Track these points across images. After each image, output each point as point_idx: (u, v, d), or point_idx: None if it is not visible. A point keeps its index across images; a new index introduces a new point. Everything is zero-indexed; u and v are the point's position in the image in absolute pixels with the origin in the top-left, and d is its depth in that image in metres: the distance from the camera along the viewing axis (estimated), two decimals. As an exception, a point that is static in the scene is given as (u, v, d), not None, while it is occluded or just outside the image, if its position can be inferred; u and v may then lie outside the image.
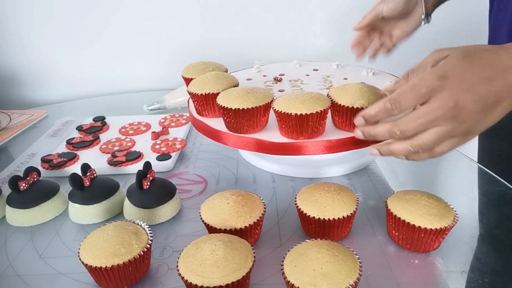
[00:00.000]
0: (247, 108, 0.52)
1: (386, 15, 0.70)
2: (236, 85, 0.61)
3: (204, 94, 0.58)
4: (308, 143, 0.53)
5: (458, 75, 0.41)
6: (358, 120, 0.47)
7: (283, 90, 0.68)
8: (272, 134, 0.55)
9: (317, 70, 0.77)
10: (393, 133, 0.43)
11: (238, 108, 0.52)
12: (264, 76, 0.76)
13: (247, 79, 0.74)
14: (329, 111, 0.53)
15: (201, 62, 0.68)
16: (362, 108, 0.50)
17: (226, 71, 0.68)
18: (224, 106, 0.53)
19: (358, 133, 0.48)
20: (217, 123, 0.58)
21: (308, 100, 0.51)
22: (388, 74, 0.74)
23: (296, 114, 0.50)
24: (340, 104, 0.52)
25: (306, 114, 0.50)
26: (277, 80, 0.73)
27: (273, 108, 0.53)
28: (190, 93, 0.60)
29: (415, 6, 0.69)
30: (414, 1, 0.70)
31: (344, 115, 0.53)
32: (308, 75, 0.75)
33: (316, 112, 0.50)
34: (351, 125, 0.52)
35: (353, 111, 0.51)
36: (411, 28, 0.71)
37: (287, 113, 0.51)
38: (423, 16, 0.70)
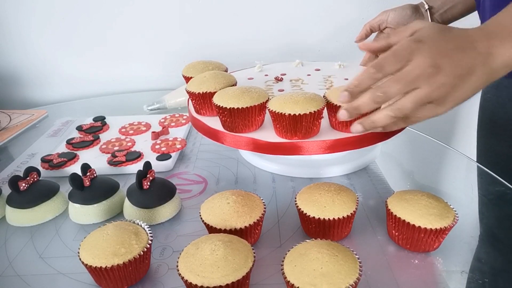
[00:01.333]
0: (242, 108, 0.52)
1: (391, 22, 0.69)
2: (234, 84, 0.61)
3: (201, 93, 0.58)
4: (303, 143, 0.53)
5: (434, 40, 0.43)
6: (343, 95, 0.46)
7: (283, 90, 0.68)
8: (267, 133, 0.55)
9: (319, 70, 0.77)
10: (376, 96, 0.43)
11: (233, 108, 0.52)
12: (266, 75, 0.76)
13: (249, 78, 0.75)
14: (326, 111, 0.53)
15: (201, 61, 0.68)
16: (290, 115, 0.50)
17: (226, 70, 0.68)
18: (219, 105, 0.54)
19: (341, 113, 0.46)
20: (215, 122, 0.58)
21: (302, 101, 0.51)
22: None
23: (289, 114, 0.50)
24: (335, 105, 0.52)
25: (299, 114, 0.50)
26: (278, 79, 0.73)
27: (267, 108, 0.53)
28: (188, 92, 0.61)
29: (422, 20, 0.69)
30: (421, 14, 0.70)
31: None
32: (309, 75, 0.75)
33: (310, 112, 0.50)
34: (347, 126, 0.52)
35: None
36: None
37: (281, 113, 0.51)
38: None
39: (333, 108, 0.53)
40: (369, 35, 0.74)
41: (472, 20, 0.70)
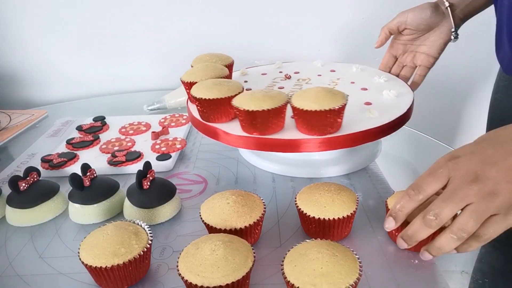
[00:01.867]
0: (210, 99, 0.55)
1: (411, 23, 0.67)
2: (226, 77, 0.62)
3: (190, 82, 0.61)
4: (260, 139, 0.54)
5: (469, 153, 0.41)
6: (388, 221, 0.45)
7: (283, 87, 0.69)
8: (235, 126, 0.56)
9: (334, 71, 0.77)
10: (428, 220, 0.41)
11: (202, 98, 0.55)
12: (280, 72, 0.77)
13: (262, 74, 0.77)
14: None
15: (208, 54, 0.69)
16: (306, 110, 0.50)
17: (232, 63, 0.69)
18: (193, 96, 0.57)
19: (400, 242, 0.45)
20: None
21: (260, 98, 0.52)
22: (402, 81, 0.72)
23: (244, 110, 0.51)
24: (294, 106, 0.52)
25: (253, 110, 0.51)
26: (287, 77, 0.74)
27: (231, 102, 0.54)
28: (181, 81, 0.63)
29: (442, 19, 0.67)
30: (441, 12, 0.67)
31: (296, 115, 0.53)
32: (320, 75, 0.75)
33: (263, 110, 0.51)
34: (308, 128, 0.53)
35: (305, 113, 0.51)
36: (437, 47, 0.68)
37: (238, 108, 0.52)
38: (452, 30, 0.67)
39: (294, 110, 0.53)
40: (389, 38, 0.71)
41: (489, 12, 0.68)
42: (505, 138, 0.41)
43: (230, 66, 0.68)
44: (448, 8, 0.66)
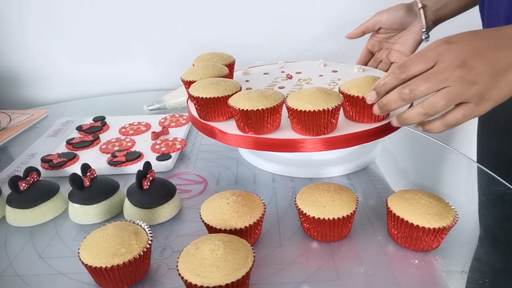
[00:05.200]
0: (206, 98, 0.56)
1: (385, 22, 0.70)
2: (225, 76, 0.63)
3: (189, 81, 0.62)
4: (253, 138, 0.54)
5: (464, 40, 0.43)
6: (370, 94, 0.48)
7: (283, 87, 0.69)
8: (232, 125, 0.57)
9: (336, 71, 0.77)
10: (403, 94, 0.44)
11: (199, 96, 0.56)
12: (282, 72, 0.77)
13: (264, 73, 0.77)
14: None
15: (210, 53, 0.70)
16: (300, 111, 0.51)
17: (233, 62, 0.70)
18: (190, 94, 0.58)
19: (374, 108, 0.49)
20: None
21: (255, 98, 0.52)
22: None
23: (239, 109, 0.52)
24: (288, 106, 0.52)
25: (247, 110, 0.52)
26: (288, 77, 0.74)
27: (228, 102, 0.55)
28: (181, 80, 0.64)
29: (415, 19, 0.70)
30: (414, 13, 0.70)
31: (291, 115, 0.54)
32: (321, 75, 0.75)
33: (258, 109, 0.51)
34: (302, 128, 0.53)
35: (299, 113, 0.51)
36: (410, 46, 0.72)
37: (234, 107, 0.53)
38: (423, 30, 0.70)
39: (293, 112, 0.53)
40: (362, 35, 0.75)
41: (470, 16, 0.70)
42: (501, 35, 0.43)
43: (231, 65, 0.68)
44: (421, 9, 0.69)
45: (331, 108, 0.50)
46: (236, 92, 0.57)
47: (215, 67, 0.63)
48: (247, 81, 0.74)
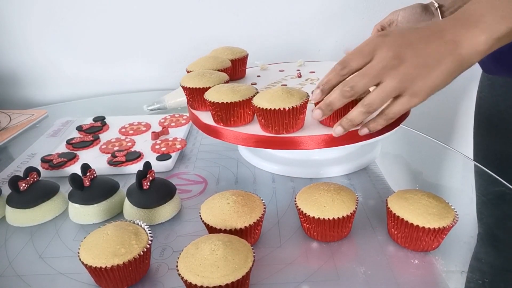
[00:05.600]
0: (189, 87, 0.59)
1: (402, 21, 0.69)
2: (227, 69, 0.66)
3: (188, 71, 0.66)
4: (225, 130, 0.56)
5: (398, 33, 0.44)
6: (315, 93, 0.49)
7: (285, 85, 0.69)
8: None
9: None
10: (344, 91, 0.45)
11: (185, 86, 0.60)
12: (298, 70, 0.78)
13: (280, 70, 0.79)
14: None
15: (223, 47, 0.73)
16: (259, 108, 0.51)
17: (245, 56, 0.73)
18: (180, 84, 0.61)
19: (316, 112, 0.48)
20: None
21: (224, 91, 0.54)
22: None
23: (210, 101, 0.54)
24: (252, 103, 0.53)
25: (216, 102, 0.54)
26: (298, 76, 0.75)
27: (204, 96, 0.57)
28: (186, 71, 0.67)
29: (431, 18, 0.69)
30: (430, 13, 0.69)
31: (256, 112, 0.54)
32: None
33: (222, 103, 0.53)
34: (263, 125, 0.54)
35: (258, 110, 0.52)
36: None
37: (206, 98, 0.55)
38: None
39: (255, 109, 0.53)
40: None
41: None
42: (436, 27, 0.44)
43: (242, 60, 0.71)
44: (438, 9, 0.69)
45: (287, 108, 0.50)
46: (219, 84, 0.59)
47: (215, 60, 0.66)
48: (258, 76, 0.76)
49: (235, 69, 0.71)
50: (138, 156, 0.67)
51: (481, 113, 0.75)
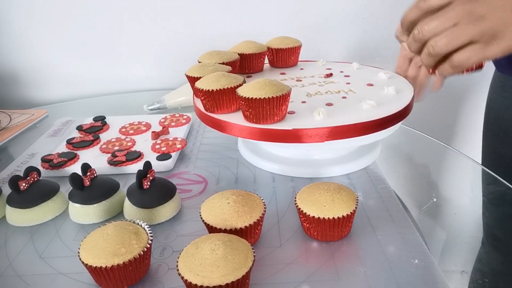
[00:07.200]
0: (188, 76, 0.63)
1: None
2: (234, 61, 0.68)
3: (199, 61, 0.69)
4: (211, 118, 0.59)
5: None
6: (398, 29, 0.48)
7: (297, 85, 0.71)
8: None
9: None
10: (413, 34, 0.43)
11: (187, 75, 0.64)
12: (328, 69, 0.79)
13: (300, 69, 0.82)
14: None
15: (247, 41, 0.76)
16: (240, 96, 0.53)
17: (264, 52, 0.76)
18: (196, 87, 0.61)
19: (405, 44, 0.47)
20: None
21: (212, 79, 0.57)
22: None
23: (198, 88, 0.57)
24: (236, 92, 0.55)
25: (202, 89, 0.57)
26: (328, 75, 0.75)
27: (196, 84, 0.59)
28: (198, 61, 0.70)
29: None
30: None
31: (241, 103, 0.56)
32: (347, 75, 0.75)
33: (209, 90, 0.56)
34: (244, 114, 0.55)
35: (239, 98, 0.54)
36: None
37: (196, 86, 0.58)
38: None
39: (239, 99, 0.55)
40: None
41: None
42: None
43: (259, 55, 0.75)
44: None
45: (263, 97, 0.51)
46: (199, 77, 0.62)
47: (222, 53, 0.69)
48: (282, 73, 0.78)
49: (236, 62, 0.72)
50: (138, 155, 0.67)
51: (491, 115, 0.74)
